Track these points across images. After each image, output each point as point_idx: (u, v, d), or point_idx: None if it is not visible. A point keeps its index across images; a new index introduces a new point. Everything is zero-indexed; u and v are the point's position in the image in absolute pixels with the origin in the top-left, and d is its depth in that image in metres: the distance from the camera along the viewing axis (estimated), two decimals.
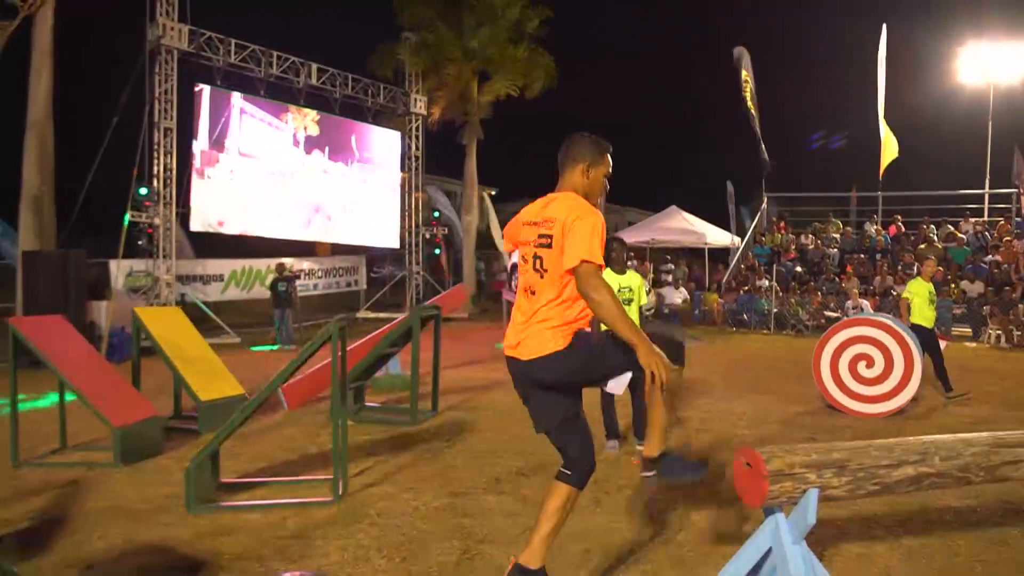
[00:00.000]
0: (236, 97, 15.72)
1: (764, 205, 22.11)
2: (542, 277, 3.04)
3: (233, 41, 15.61)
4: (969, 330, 16.04)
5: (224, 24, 15.67)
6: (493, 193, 49.72)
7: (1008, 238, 17.82)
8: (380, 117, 19.48)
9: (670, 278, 20.10)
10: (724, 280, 19.54)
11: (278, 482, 5.24)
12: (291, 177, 17.03)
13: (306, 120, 17.16)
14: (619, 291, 6.07)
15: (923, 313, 8.19)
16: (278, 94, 16.92)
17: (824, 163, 39.37)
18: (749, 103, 21.99)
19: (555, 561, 3.41)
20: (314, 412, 7.70)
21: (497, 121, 20.72)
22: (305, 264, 17.88)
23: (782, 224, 21.43)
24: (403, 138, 19.78)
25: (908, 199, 21.85)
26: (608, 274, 5.93)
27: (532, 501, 4.57)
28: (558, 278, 2.97)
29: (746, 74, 22.11)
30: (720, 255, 22.44)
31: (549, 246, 3.00)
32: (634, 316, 5.98)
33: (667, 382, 2.78)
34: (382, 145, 19.21)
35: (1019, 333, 15.13)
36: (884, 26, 21.34)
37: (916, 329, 7.92)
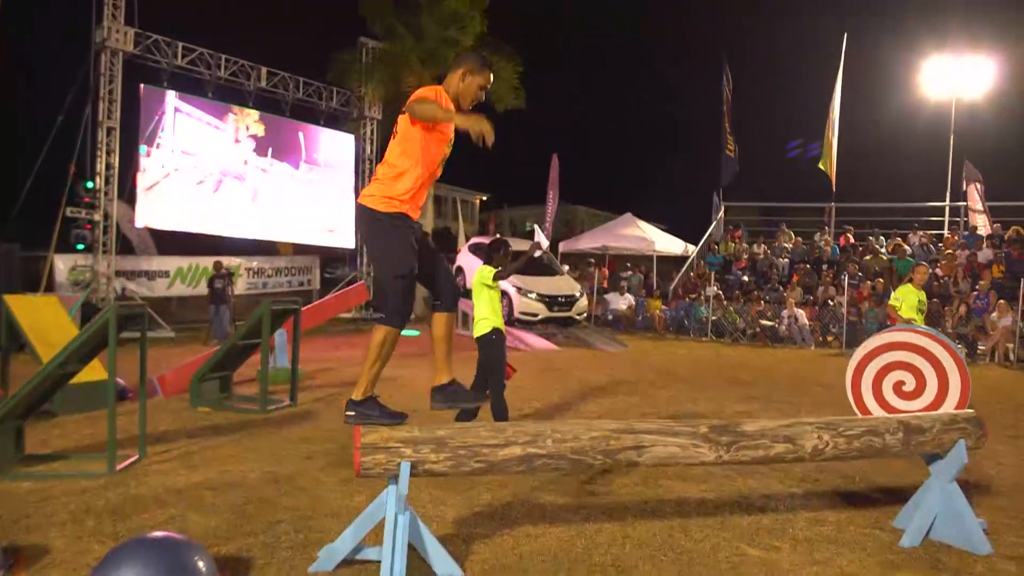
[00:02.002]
0: (171, 96, 16.09)
1: (721, 214, 22.27)
2: (392, 139, 3.58)
3: (180, 44, 16.01)
4: None
5: (180, 27, 16.15)
6: (483, 199, 50.11)
7: (950, 251, 17.91)
8: (334, 120, 19.80)
9: (624, 285, 20.38)
10: (672, 287, 19.69)
11: (77, 456, 5.53)
12: (233, 176, 17.37)
13: (248, 121, 17.49)
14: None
15: (910, 318, 7.92)
16: (228, 97, 17.29)
17: (791, 172, 39.52)
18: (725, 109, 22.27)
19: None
20: (182, 399, 7.92)
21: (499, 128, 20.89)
22: (254, 263, 18.19)
23: (736, 233, 21.57)
24: (357, 141, 20.08)
25: (867, 211, 21.98)
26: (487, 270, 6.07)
27: (293, 486, 4.82)
28: (399, 142, 3.50)
29: (728, 79, 22.41)
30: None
31: (403, 113, 3.49)
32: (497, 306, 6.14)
33: (488, 135, 3.18)
34: (334, 147, 19.53)
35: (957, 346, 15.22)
36: (844, 36, 21.52)
37: None
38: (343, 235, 19.85)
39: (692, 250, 21.25)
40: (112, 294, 14.96)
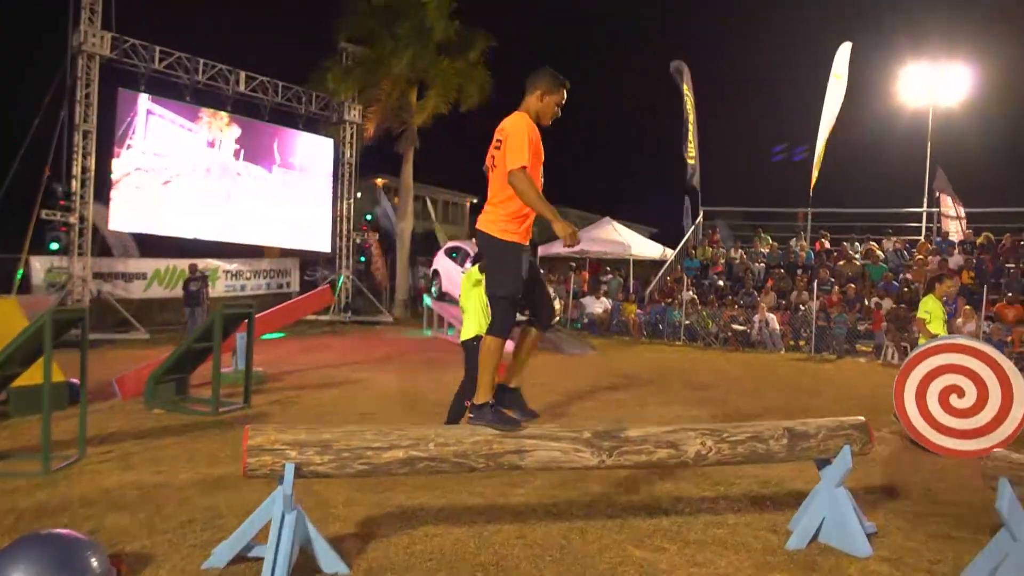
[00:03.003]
0: (143, 99, 16.19)
1: (700, 219, 22.44)
2: (492, 171, 3.95)
3: (158, 48, 16.14)
4: (874, 347, 16.30)
5: (158, 32, 16.27)
6: (473, 202, 50.21)
7: (920, 256, 18.10)
8: (314, 124, 19.95)
9: (605, 288, 20.56)
10: (648, 291, 19.84)
11: (20, 456, 5.70)
12: (207, 179, 17.50)
13: (221, 123, 17.60)
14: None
15: (938, 331, 7.72)
16: (207, 101, 17.43)
17: (778, 176, 39.79)
18: (689, 117, 22.40)
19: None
20: (139, 401, 8.04)
21: (477, 129, 21.14)
22: (233, 265, 18.32)
23: (715, 237, 21.74)
24: (336, 145, 20.22)
25: (847, 216, 22.17)
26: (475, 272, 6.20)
27: (218, 486, 4.97)
28: (503, 175, 3.82)
29: (687, 88, 22.50)
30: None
31: (499, 148, 3.87)
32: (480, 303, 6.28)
33: (574, 240, 3.74)
34: (312, 151, 19.64)
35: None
36: (847, 45, 21.44)
37: None
38: (320, 238, 19.97)
39: (671, 254, 21.42)
40: (88, 296, 15.08)
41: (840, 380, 11.94)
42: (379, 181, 31.19)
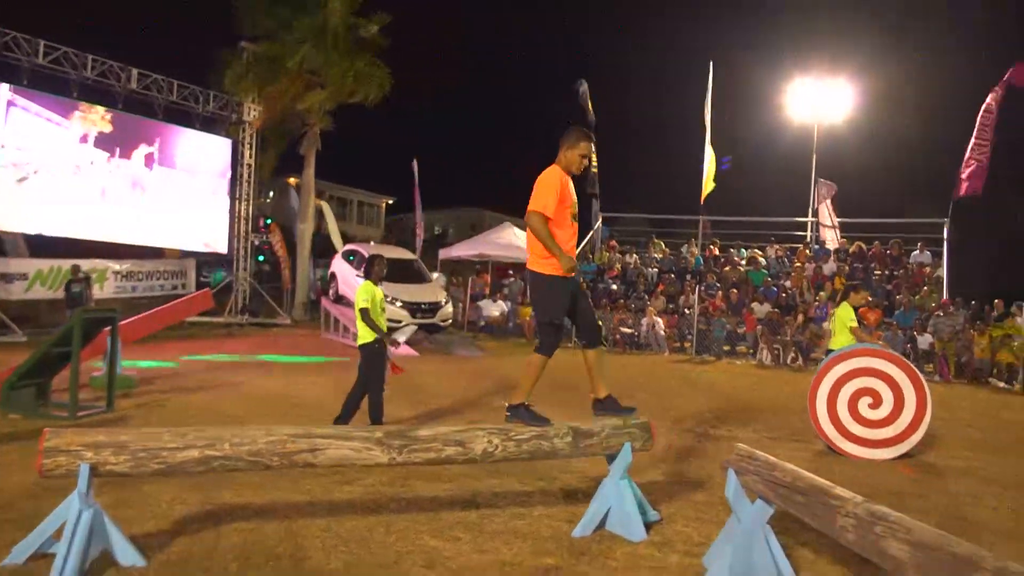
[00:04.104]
0: (3, 89, 15.47)
1: (599, 224, 23.14)
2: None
3: (42, 42, 15.74)
4: (751, 349, 17.22)
5: (50, 26, 15.79)
6: (389, 202, 50.06)
7: (799, 264, 19.20)
8: (212, 124, 19.71)
9: (506, 292, 20.99)
10: None
11: None
12: (77, 176, 16.94)
13: (96, 118, 17.07)
14: (379, 300, 6.90)
15: (846, 338, 7.87)
16: (96, 98, 17.02)
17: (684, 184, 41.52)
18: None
19: None
20: None
21: (404, 133, 21.20)
22: (124, 266, 17.94)
23: (612, 243, 22.48)
24: (235, 145, 20.02)
25: (739, 224, 23.24)
26: (370, 286, 6.85)
27: (45, 490, 5.07)
28: None
29: (590, 107, 23.25)
30: None
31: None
32: (381, 322, 6.87)
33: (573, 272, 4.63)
34: (206, 151, 19.30)
35: (792, 354, 16.36)
36: (711, 64, 22.63)
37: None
38: (217, 239, 19.72)
39: None
40: None
41: (706, 381, 12.64)
42: (292, 180, 30.92)
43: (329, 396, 9.32)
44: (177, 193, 18.59)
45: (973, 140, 17.43)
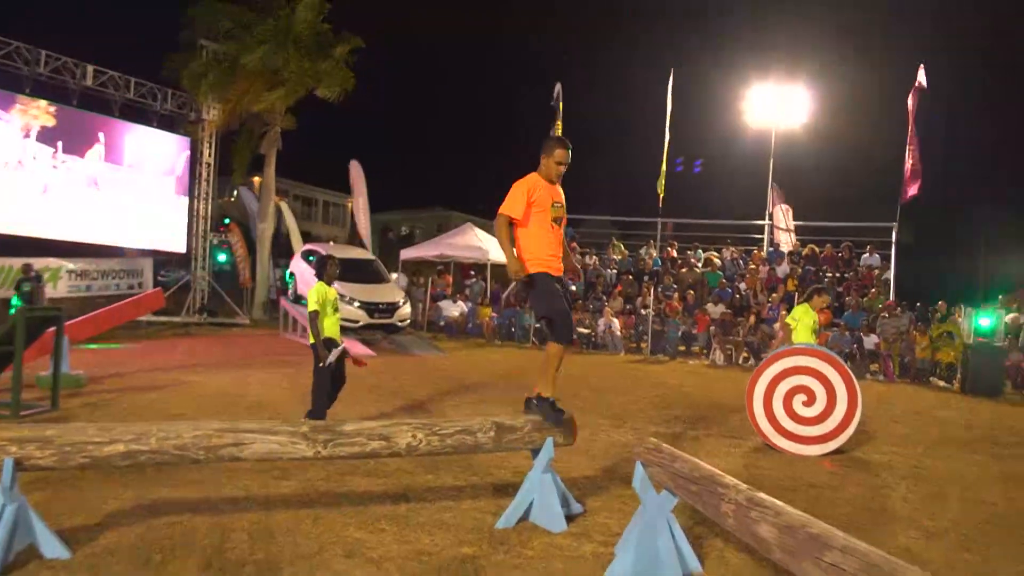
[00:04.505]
0: None
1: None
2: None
3: None
4: (705, 349, 17.58)
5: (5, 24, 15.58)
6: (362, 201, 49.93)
7: (753, 266, 19.61)
8: (170, 122, 19.58)
9: (468, 292, 21.14)
10: (504, 296, 20.56)
11: None
12: (18, 171, 16.60)
13: (36, 111, 16.64)
14: (330, 301, 7.03)
15: (804, 339, 8.11)
16: (50, 95, 16.82)
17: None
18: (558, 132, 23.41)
19: None
20: None
21: (372, 134, 21.12)
22: (78, 264, 17.75)
23: (572, 244, 22.71)
24: (194, 144, 19.90)
25: (700, 227, 23.63)
26: (322, 287, 6.98)
27: None
28: (519, 225, 4.87)
29: (560, 109, 23.62)
30: None
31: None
32: (336, 325, 7.12)
33: (518, 276, 4.87)
34: (159, 148, 19.03)
35: (744, 354, 16.72)
36: (671, 71, 23.15)
37: None
38: (174, 238, 19.56)
39: None
40: None
41: (656, 380, 12.90)
42: (256, 179, 30.75)
43: (282, 395, 9.42)
44: (132, 191, 18.36)
45: (908, 145, 17.98)
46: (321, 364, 6.84)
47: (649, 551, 3.79)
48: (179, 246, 19.66)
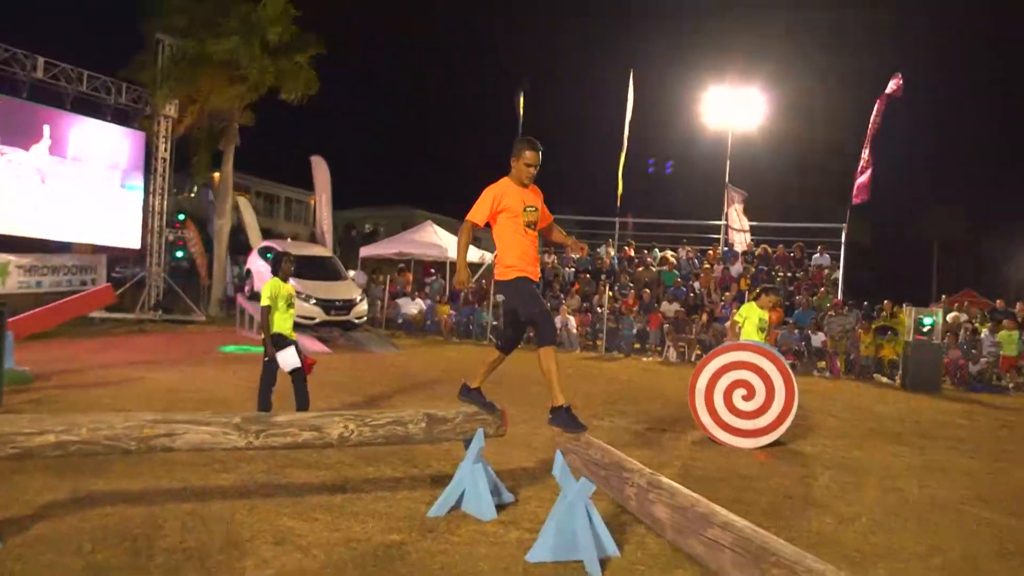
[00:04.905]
0: None
1: None
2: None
3: None
4: (659, 347, 17.88)
5: None
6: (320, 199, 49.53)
7: (708, 265, 19.99)
8: (125, 117, 19.32)
9: (427, 290, 21.23)
10: (463, 293, 20.67)
11: None
12: None
13: None
14: (284, 296, 7.02)
15: (751, 337, 8.32)
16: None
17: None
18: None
19: None
20: None
21: (337, 131, 20.94)
22: (27, 260, 17.43)
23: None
24: (149, 139, 19.66)
25: (661, 227, 24.00)
26: (276, 283, 6.98)
27: None
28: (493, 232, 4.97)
29: (521, 107, 23.85)
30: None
31: None
32: (289, 321, 7.07)
33: (464, 286, 5.30)
34: (112, 142, 18.55)
35: (696, 351, 17.04)
36: (631, 72, 23.49)
37: None
38: (128, 234, 19.29)
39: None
40: None
41: (607, 377, 13.14)
42: (216, 175, 30.46)
43: (232, 392, 9.44)
44: (80, 186, 17.97)
45: (865, 149, 18.47)
46: (266, 359, 6.90)
47: (567, 536, 3.97)
48: (133, 242, 19.39)
